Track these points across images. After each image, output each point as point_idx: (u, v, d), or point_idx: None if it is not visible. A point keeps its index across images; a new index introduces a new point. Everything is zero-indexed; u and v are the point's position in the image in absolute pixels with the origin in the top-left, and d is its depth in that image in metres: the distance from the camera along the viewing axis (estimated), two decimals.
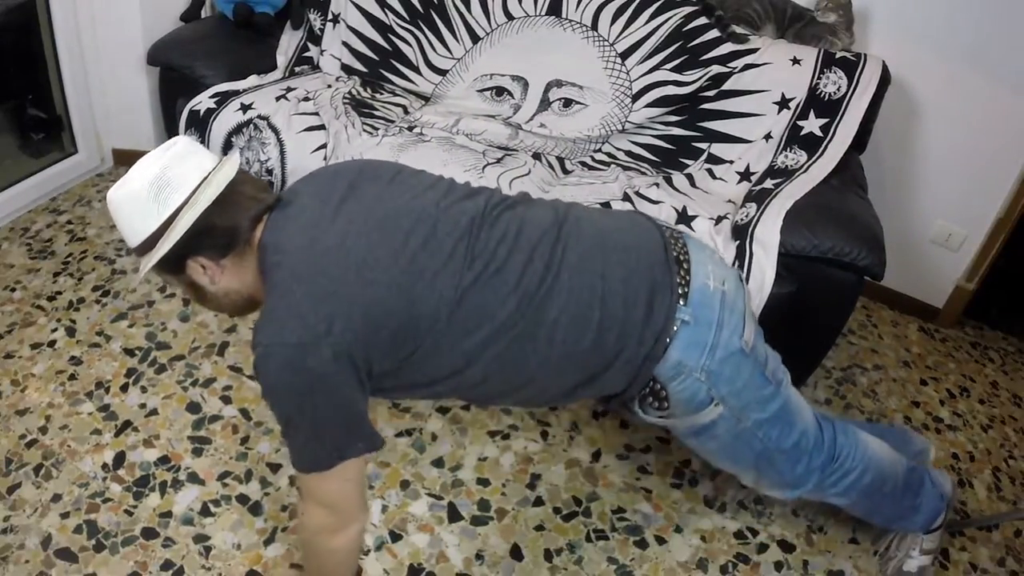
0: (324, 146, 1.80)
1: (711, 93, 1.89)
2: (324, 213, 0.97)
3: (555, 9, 2.00)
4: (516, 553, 1.39)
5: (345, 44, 2.16)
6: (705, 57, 1.88)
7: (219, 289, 1.02)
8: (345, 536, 1.03)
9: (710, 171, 1.90)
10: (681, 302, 1.04)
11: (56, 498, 1.38)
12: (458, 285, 0.96)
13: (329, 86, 2.05)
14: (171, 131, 2.04)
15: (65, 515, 1.35)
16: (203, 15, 2.28)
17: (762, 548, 1.46)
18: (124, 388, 1.64)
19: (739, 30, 1.90)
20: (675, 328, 1.04)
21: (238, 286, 1.02)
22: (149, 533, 1.34)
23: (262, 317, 0.93)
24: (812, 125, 1.82)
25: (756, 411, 1.13)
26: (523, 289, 0.98)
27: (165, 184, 0.93)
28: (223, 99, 1.90)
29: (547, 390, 1.10)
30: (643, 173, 1.90)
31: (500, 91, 2.05)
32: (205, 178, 0.95)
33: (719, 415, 1.11)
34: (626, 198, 1.69)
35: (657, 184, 1.78)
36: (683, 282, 1.05)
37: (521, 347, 1.00)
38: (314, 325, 0.89)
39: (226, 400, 1.64)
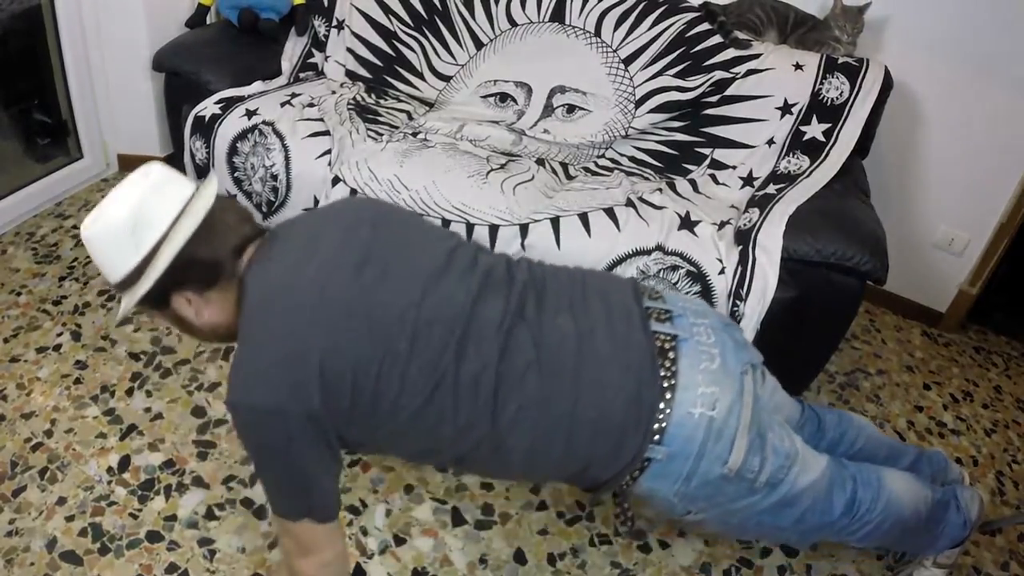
0: (328, 151, 1.80)
1: (714, 99, 1.89)
2: (309, 256, 0.94)
3: (558, 15, 2.00)
4: (520, 557, 1.39)
5: (350, 50, 2.16)
6: (708, 63, 1.88)
7: (205, 323, 0.99)
8: (311, 562, 0.98)
9: (713, 176, 1.90)
10: (656, 438, 0.98)
11: (61, 501, 1.38)
12: (422, 394, 0.94)
13: (334, 92, 2.04)
14: (176, 137, 2.03)
15: (70, 518, 1.35)
16: (208, 21, 2.27)
17: (765, 552, 1.45)
18: (129, 392, 1.63)
19: (742, 36, 1.90)
20: (644, 465, 1.01)
21: (224, 319, 0.99)
22: (154, 536, 1.34)
23: (233, 368, 0.91)
24: (815, 130, 1.82)
25: (745, 511, 1.09)
26: (483, 416, 0.96)
27: (142, 217, 0.88)
28: (228, 105, 1.90)
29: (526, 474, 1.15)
30: (646, 178, 1.90)
31: (504, 97, 2.05)
32: (184, 209, 0.91)
33: (702, 519, 1.11)
34: (629, 203, 1.69)
35: (660, 189, 1.78)
36: (663, 416, 0.97)
37: (481, 455, 1.01)
38: (278, 388, 0.88)
39: None
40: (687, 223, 1.65)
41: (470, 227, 1.65)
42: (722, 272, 1.56)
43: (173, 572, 1.29)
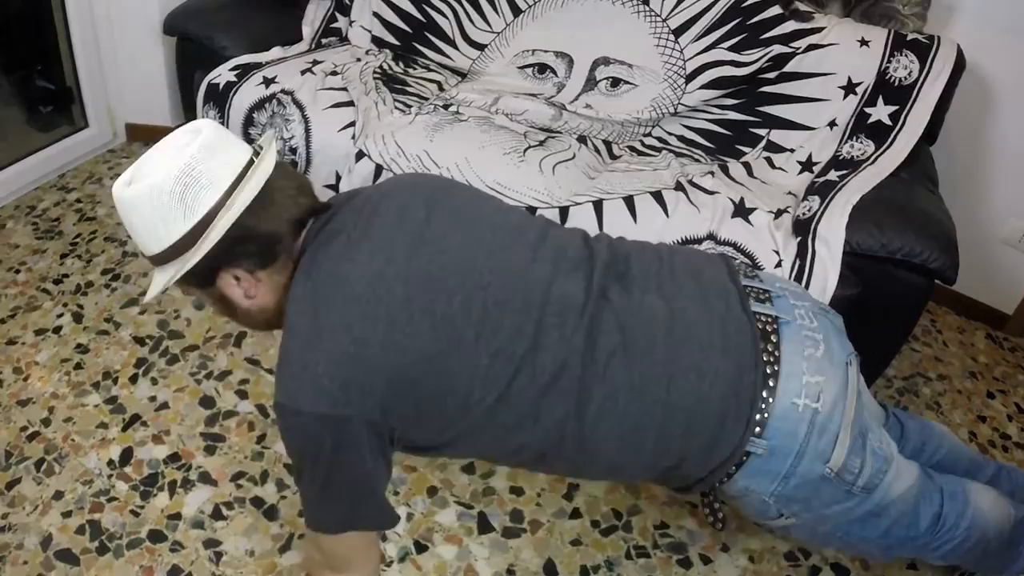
0: (352, 124, 1.76)
1: (771, 75, 1.83)
2: (362, 240, 0.87)
3: None
4: (550, 569, 1.34)
5: (376, 15, 2.11)
6: (765, 36, 1.82)
7: (254, 304, 0.90)
8: None
9: (769, 160, 1.85)
10: (756, 431, 0.92)
11: (58, 496, 1.35)
12: (496, 387, 0.87)
13: (358, 60, 2.01)
14: (188, 105, 2.01)
15: (67, 514, 1.32)
16: None
17: (814, 572, 1.39)
18: (133, 379, 1.60)
19: (803, 7, 1.84)
20: (743, 460, 0.95)
21: (274, 302, 0.91)
22: (156, 536, 1.31)
23: (280, 364, 0.85)
24: (881, 112, 1.75)
25: (837, 518, 1.05)
26: (566, 409, 0.90)
27: (194, 181, 0.79)
28: (244, 72, 1.87)
29: (608, 472, 1.06)
30: (697, 160, 1.85)
31: (543, 68, 2.01)
32: (241, 173, 0.82)
33: (791, 523, 1.06)
34: (679, 187, 1.63)
35: (712, 173, 1.72)
36: (765, 406, 0.91)
37: (565, 452, 0.94)
38: (330, 392, 0.81)
39: (242, 395, 1.59)
40: (741, 210, 1.59)
41: None
42: (779, 265, 1.49)
43: (176, 575, 1.25)
